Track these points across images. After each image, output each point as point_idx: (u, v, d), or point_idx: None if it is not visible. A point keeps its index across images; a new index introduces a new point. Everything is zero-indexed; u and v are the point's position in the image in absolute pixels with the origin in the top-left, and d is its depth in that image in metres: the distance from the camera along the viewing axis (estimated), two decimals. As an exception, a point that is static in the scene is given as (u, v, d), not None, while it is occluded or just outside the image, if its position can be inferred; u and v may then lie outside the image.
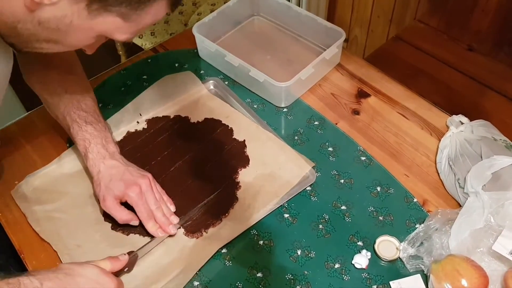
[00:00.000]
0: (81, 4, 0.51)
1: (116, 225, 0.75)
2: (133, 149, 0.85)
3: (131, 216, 0.74)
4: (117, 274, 0.68)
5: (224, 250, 0.73)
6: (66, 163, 0.83)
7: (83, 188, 0.80)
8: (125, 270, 0.69)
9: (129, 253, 0.70)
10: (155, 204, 0.74)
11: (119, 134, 0.88)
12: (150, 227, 0.73)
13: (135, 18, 0.55)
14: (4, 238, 0.76)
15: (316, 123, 0.90)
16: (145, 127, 0.89)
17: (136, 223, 0.75)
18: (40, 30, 0.54)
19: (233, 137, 0.87)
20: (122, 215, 0.73)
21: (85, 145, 0.76)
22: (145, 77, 1.00)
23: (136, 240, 0.74)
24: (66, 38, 0.56)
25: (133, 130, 0.88)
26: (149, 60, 1.05)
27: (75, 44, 0.59)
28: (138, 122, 0.90)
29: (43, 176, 0.81)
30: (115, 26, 0.55)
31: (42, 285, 0.56)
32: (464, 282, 0.62)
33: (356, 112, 0.92)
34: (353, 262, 0.70)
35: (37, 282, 0.56)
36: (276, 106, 0.93)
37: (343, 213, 0.77)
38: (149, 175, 0.77)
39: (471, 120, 0.84)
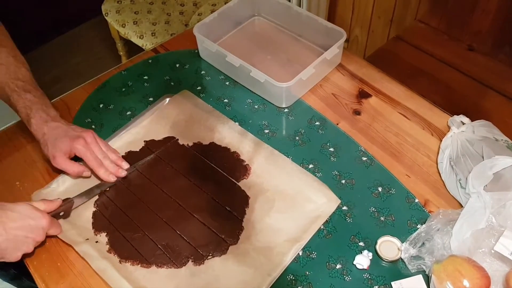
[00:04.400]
0: None
1: (123, 258, 0.73)
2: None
3: (82, 168, 0.79)
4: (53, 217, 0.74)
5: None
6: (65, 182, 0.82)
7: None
8: (61, 214, 0.75)
9: (66, 199, 0.76)
10: (101, 153, 0.80)
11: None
12: (102, 173, 0.79)
13: None
14: None
15: (317, 123, 0.90)
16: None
17: (88, 174, 0.80)
18: None
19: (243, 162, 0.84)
20: (74, 167, 0.78)
21: (26, 112, 0.79)
22: (146, 77, 1.00)
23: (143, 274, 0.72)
24: None
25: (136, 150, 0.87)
26: (150, 61, 1.05)
27: None
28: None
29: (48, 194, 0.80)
30: None
31: None
32: (465, 283, 0.62)
33: (357, 112, 0.92)
34: (354, 262, 0.70)
35: None
36: (277, 107, 0.93)
37: (345, 213, 0.77)
38: (92, 131, 0.81)
39: (472, 120, 0.84)
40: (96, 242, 0.74)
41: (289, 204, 0.77)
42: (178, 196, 0.80)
